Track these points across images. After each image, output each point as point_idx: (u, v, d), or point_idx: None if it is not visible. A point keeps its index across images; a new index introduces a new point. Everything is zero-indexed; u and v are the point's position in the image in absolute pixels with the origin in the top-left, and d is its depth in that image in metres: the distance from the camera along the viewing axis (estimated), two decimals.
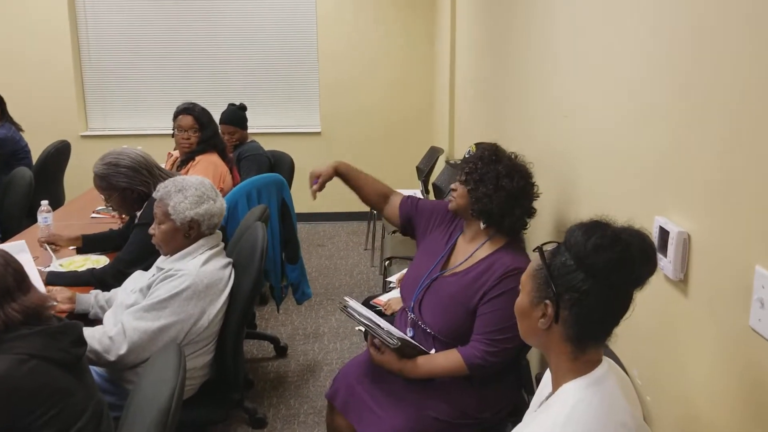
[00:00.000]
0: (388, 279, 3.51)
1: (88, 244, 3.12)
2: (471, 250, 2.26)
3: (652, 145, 1.70)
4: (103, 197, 2.91)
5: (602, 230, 1.26)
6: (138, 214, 2.84)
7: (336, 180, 2.65)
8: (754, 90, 1.24)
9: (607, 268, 1.24)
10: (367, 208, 5.71)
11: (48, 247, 3.06)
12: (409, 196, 2.58)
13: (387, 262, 4.06)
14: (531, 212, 2.26)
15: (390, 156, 6.52)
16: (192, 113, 3.81)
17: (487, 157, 2.24)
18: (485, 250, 2.24)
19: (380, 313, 2.96)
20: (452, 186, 2.31)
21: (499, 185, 2.17)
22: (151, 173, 2.81)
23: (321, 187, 2.59)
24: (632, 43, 1.84)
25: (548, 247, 1.35)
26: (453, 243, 2.35)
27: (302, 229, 6.33)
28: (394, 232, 4.68)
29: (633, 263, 1.24)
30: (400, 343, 2.10)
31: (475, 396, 2.16)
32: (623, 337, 1.87)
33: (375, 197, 2.62)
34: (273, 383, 3.56)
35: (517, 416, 1.83)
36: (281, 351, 3.88)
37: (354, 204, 6.63)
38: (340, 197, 6.60)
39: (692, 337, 1.52)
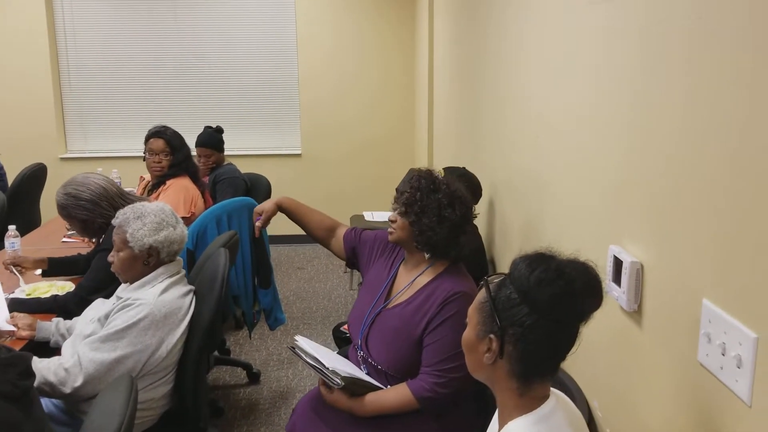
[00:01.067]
0: None
1: (53, 267, 3.08)
2: (411, 278, 2.23)
3: (607, 174, 1.69)
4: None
5: (546, 263, 1.24)
6: (102, 239, 2.80)
7: (316, 203, 2.63)
8: (705, 123, 1.23)
9: (551, 303, 1.21)
10: None
11: (14, 269, 3.02)
12: (353, 228, 2.54)
13: (345, 262, 4.00)
14: (473, 235, 2.25)
15: (370, 177, 6.52)
16: (163, 137, 3.79)
17: (425, 186, 2.18)
18: (426, 277, 2.20)
19: (348, 340, 2.93)
20: (390, 217, 2.25)
21: (441, 216, 2.13)
22: (112, 204, 2.77)
23: (264, 224, 2.57)
24: (588, 73, 1.84)
25: (495, 280, 1.33)
26: (395, 272, 2.32)
27: (282, 251, 6.32)
28: None
29: (577, 298, 1.22)
30: (344, 383, 2.06)
31: (434, 425, 2.12)
32: (583, 368, 1.86)
33: (320, 231, 2.58)
34: (244, 411, 3.50)
35: None
36: (254, 377, 3.82)
37: None
38: None
39: (646, 369, 1.50)
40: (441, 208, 2.14)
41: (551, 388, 1.33)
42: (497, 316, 1.25)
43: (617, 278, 1.57)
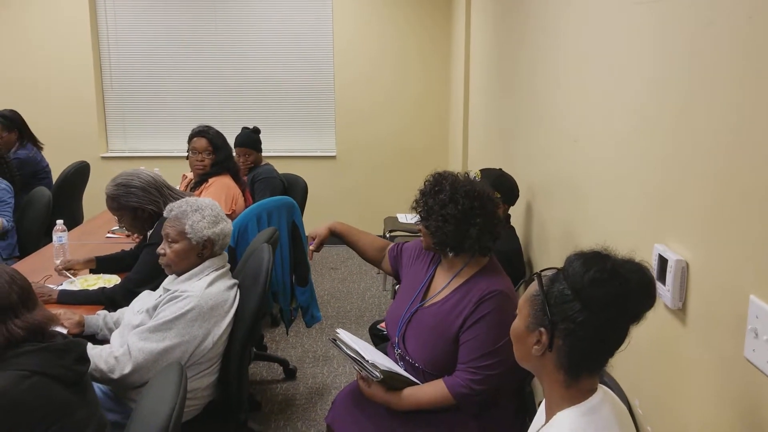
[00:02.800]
0: None
1: (101, 265, 3.17)
2: (448, 279, 2.25)
3: (653, 173, 1.71)
4: (116, 218, 2.96)
5: (602, 263, 1.25)
6: (149, 234, 2.88)
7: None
8: (750, 120, 1.24)
9: (604, 303, 1.23)
10: (381, 232, 5.77)
11: (68, 273, 3.10)
12: (396, 243, 2.60)
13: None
14: (492, 225, 2.20)
15: (404, 182, 6.53)
16: (206, 136, 3.87)
17: (429, 189, 2.23)
18: (461, 278, 2.22)
19: (385, 337, 2.96)
20: (418, 227, 2.30)
21: (445, 214, 2.15)
22: (161, 193, 2.86)
23: (318, 248, 2.66)
24: (633, 72, 1.85)
25: (548, 273, 1.35)
26: (432, 273, 2.34)
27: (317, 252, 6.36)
28: None
29: (630, 299, 1.24)
30: (382, 377, 2.10)
31: (475, 424, 2.14)
32: (625, 366, 1.87)
33: (372, 252, 2.65)
34: (281, 406, 3.56)
35: None
36: (290, 373, 3.88)
37: (368, 227, 6.66)
38: (354, 222, 6.69)
39: (690, 366, 1.51)
40: (443, 207, 2.15)
41: (599, 384, 1.35)
42: (549, 311, 1.28)
43: (662, 276, 1.58)
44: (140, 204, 2.83)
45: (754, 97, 1.22)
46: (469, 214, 2.15)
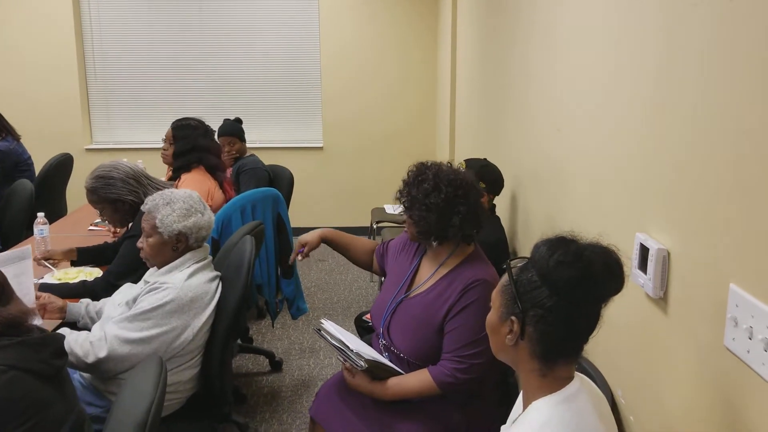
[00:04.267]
0: None
1: (82, 257, 3.14)
2: (433, 269, 2.25)
3: (635, 163, 1.70)
4: (97, 211, 2.94)
5: (566, 246, 1.25)
6: (129, 225, 2.86)
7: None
8: (729, 110, 1.23)
9: (570, 285, 1.23)
10: (368, 223, 5.76)
11: (47, 263, 3.08)
12: (382, 242, 2.59)
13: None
14: (476, 214, 2.18)
15: (391, 173, 6.50)
16: (172, 126, 3.80)
17: (412, 180, 2.22)
18: (447, 267, 2.21)
19: (371, 329, 2.95)
20: (403, 217, 2.29)
21: (428, 204, 2.13)
22: (140, 183, 2.86)
23: (306, 255, 2.58)
24: (614, 63, 1.84)
25: (518, 263, 1.34)
26: (417, 264, 2.34)
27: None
28: None
29: (595, 280, 1.23)
30: (367, 366, 2.09)
31: (459, 414, 2.14)
32: (607, 356, 1.87)
33: (363, 257, 2.62)
34: (266, 398, 3.54)
35: None
36: (276, 366, 3.86)
37: (356, 219, 6.68)
38: (341, 213, 6.68)
39: (672, 355, 1.50)
40: (426, 196, 2.14)
41: (576, 372, 1.34)
42: (518, 299, 1.27)
43: (643, 265, 1.58)
44: (119, 196, 2.81)
45: (732, 86, 1.21)
46: (453, 202, 2.14)
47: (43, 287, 2.74)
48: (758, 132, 1.13)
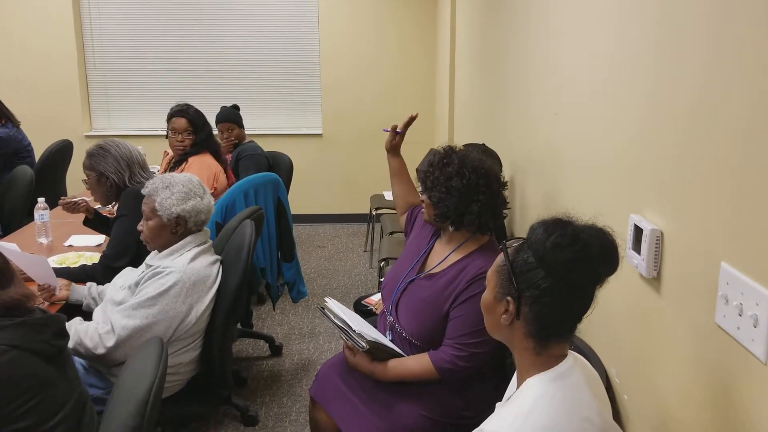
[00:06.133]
0: (382, 280, 3.51)
1: (95, 218, 3.27)
2: (446, 253, 2.25)
3: (629, 145, 1.72)
4: (85, 177, 3.01)
5: (562, 229, 1.27)
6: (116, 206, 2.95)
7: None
8: (721, 89, 1.25)
9: (566, 267, 1.24)
10: (367, 210, 5.77)
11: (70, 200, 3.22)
12: (417, 205, 2.58)
13: (383, 263, 4.07)
14: (495, 205, 2.19)
15: None
16: (186, 116, 3.82)
17: (437, 161, 2.22)
18: (460, 253, 2.22)
19: (370, 313, 2.97)
20: (421, 198, 2.30)
21: (449, 187, 2.15)
22: (130, 169, 2.93)
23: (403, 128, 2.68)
24: (609, 48, 1.86)
25: (513, 244, 1.36)
26: (431, 245, 2.34)
27: (303, 230, 6.38)
28: (391, 233, 4.70)
29: (591, 262, 1.25)
30: (368, 347, 2.11)
31: (458, 395, 2.16)
32: (601, 336, 1.89)
33: (404, 198, 2.64)
34: (266, 381, 3.57)
35: None
36: (276, 350, 3.89)
37: (355, 206, 6.68)
38: (340, 200, 6.69)
39: (665, 334, 1.53)
40: (449, 179, 2.15)
41: (569, 350, 1.37)
42: (514, 279, 1.29)
43: (637, 246, 1.60)
44: (105, 170, 2.89)
45: (722, 68, 1.23)
46: (474, 189, 2.15)
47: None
48: (749, 115, 1.15)
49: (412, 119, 2.63)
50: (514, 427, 1.22)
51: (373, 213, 5.47)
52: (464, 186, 2.14)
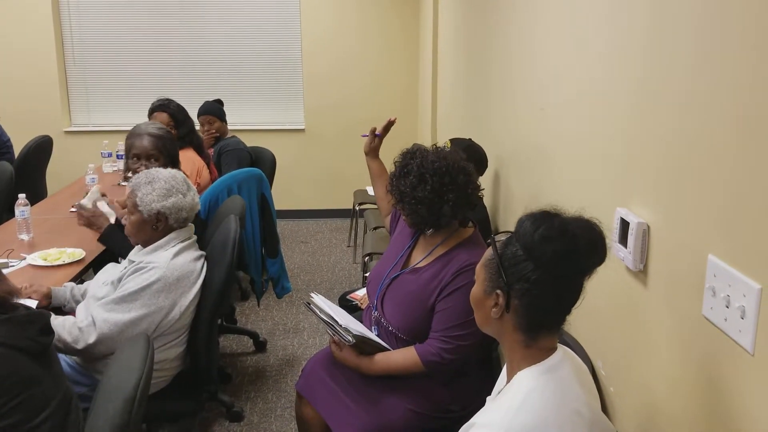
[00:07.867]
0: (367, 274, 3.52)
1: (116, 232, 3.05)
2: (430, 247, 2.26)
3: (615, 139, 1.72)
4: (151, 158, 2.97)
5: (550, 221, 1.28)
6: None
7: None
8: (710, 83, 1.26)
9: (554, 259, 1.25)
10: (350, 206, 5.76)
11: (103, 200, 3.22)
12: None
13: (367, 258, 4.07)
14: (466, 196, 2.18)
15: None
16: (167, 110, 3.79)
17: (398, 173, 2.21)
18: (444, 247, 2.23)
19: (355, 308, 2.98)
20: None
21: (416, 197, 2.14)
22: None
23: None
24: (595, 43, 1.86)
25: (502, 237, 1.37)
26: (415, 239, 2.35)
27: (286, 225, 6.36)
28: (374, 228, 4.70)
29: (579, 254, 1.26)
30: (355, 341, 2.11)
31: (445, 389, 2.17)
32: (588, 329, 1.90)
33: (384, 203, 2.64)
34: (251, 377, 3.56)
35: None
36: (260, 346, 3.88)
37: (338, 201, 6.67)
38: (324, 195, 6.67)
39: (652, 327, 1.54)
40: (413, 189, 2.14)
41: (558, 343, 1.37)
42: (503, 273, 1.30)
43: (623, 239, 1.61)
44: (174, 158, 3.00)
45: (709, 62, 1.24)
46: (440, 192, 2.13)
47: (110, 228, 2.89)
48: (736, 109, 1.16)
49: (391, 123, 2.63)
50: (505, 420, 1.23)
51: (357, 208, 5.47)
52: (430, 192, 2.12)
